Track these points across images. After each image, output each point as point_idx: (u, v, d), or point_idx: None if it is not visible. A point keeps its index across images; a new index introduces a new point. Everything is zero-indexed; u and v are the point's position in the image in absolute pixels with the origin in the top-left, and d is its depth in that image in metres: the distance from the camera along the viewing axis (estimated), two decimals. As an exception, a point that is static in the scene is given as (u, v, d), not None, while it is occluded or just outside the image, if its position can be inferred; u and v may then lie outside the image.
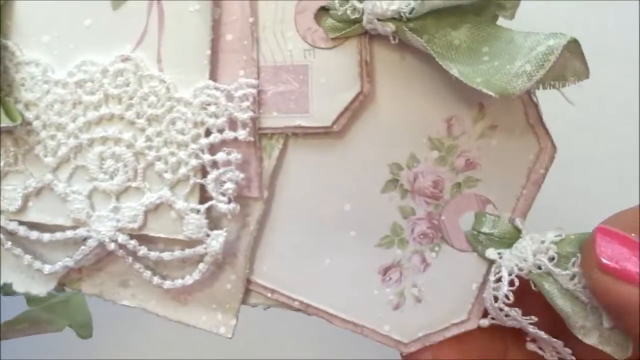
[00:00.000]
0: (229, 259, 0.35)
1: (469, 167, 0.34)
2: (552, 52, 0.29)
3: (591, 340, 0.32)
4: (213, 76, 0.34)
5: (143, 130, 0.34)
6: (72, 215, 0.35)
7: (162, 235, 0.35)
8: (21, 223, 0.35)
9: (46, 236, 0.35)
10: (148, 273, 0.35)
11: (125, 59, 0.34)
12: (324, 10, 0.33)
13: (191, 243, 0.34)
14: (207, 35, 0.33)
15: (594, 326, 0.32)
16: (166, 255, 0.35)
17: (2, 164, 0.35)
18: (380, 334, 0.35)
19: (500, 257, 0.33)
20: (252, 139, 0.34)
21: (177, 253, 0.35)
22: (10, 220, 0.35)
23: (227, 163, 0.34)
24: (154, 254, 0.35)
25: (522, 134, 0.33)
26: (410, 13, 0.31)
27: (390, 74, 0.33)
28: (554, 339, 0.33)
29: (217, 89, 0.33)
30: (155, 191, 0.34)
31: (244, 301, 0.35)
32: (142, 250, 0.35)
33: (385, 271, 0.35)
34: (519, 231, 0.34)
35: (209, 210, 0.34)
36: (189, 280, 0.34)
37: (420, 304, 0.35)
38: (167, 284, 0.35)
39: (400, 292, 0.35)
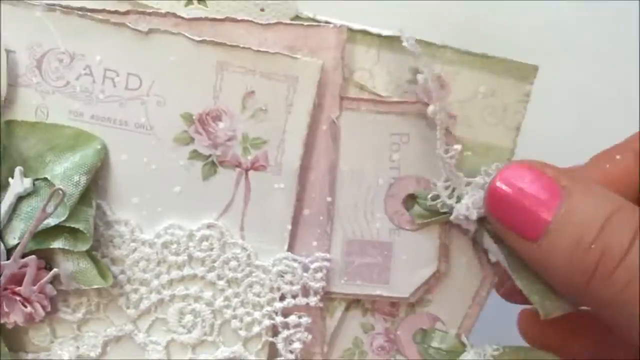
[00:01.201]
0: (287, 405, 0.39)
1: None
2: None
3: None
4: (290, 247, 0.37)
5: (222, 290, 0.37)
6: (149, 364, 0.38)
7: (231, 386, 0.38)
8: (99, 368, 0.38)
9: (124, 382, 0.38)
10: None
11: (211, 226, 0.37)
12: (411, 197, 0.37)
13: (256, 393, 0.38)
14: (290, 211, 0.37)
15: None
16: (233, 403, 0.38)
17: (84, 311, 0.37)
18: None
19: None
20: (321, 305, 0.38)
21: (244, 402, 0.38)
22: (89, 365, 0.38)
23: (298, 325, 0.38)
24: (222, 403, 0.38)
25: (469, 265, 0.39)
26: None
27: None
28: None
29: (294, 260, 0.37)
30: (229, 346, 0.38)
31: None
32: (212, 399, 0.38)
33: None
34: (463, 345, 0.39)
35: (275, 364, 0.38)
36: None
37: None
38: None
39: None
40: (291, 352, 0.38)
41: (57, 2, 0.36)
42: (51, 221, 0.34)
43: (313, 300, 0.38)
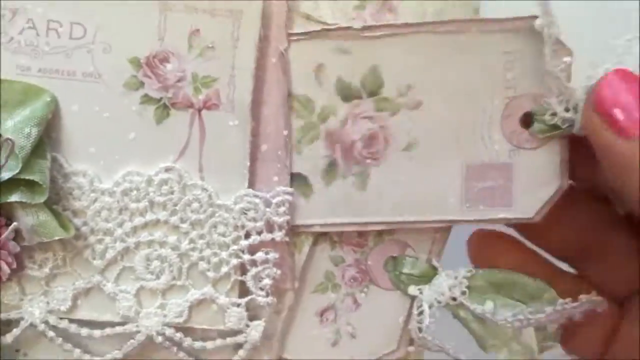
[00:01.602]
0: (263, 342, 0.39)
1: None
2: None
3: (502, 355, 0.39)
4: (251, 183, 0.37)
5: (187, 233, 0.37)
6: (121, 313, 0.37)
7: (205, 327, 0.38)
8: (71, 321, 0.38)
9: (96, 333, 0.38)
10: (191, 360, 0.38)
11: (169, 169, 0.37)
12: (527, 115, 0.37)
13: (231, 332, 0.38)
14: (246, 147, 0.37)
15: (503, 343, 0.39)
16: (209, 345, 0.38)
17: (50, 266, 0.37)
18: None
19: (421, 293, 0.39)
20: (287, 239, 0.38)
21: (219, 342, 0.38)
22: (61, 318, 0.38)
23: (266, 261, 0.37)
24: (198, 344, 0.38)
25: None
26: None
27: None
28: None
29: (256, 196, 0.37)
30: (199, 288, 0.38)
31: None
32: (187, 342, 0.38)
33: (322, 313, 0.40)
34: (435, 269, 0.39)
35: (248, 302, 0.38)
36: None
37: (354, 339, 0.40)
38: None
39: (337, 330, 0.40)
40: (261, 289, 0.38)
41: (-7, -43, 0.36)
42: (5, 175, 0.34)
43: (278, 235, 0.37)
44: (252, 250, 0.37)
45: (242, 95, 0.37)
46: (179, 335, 0.38)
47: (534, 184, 0.38)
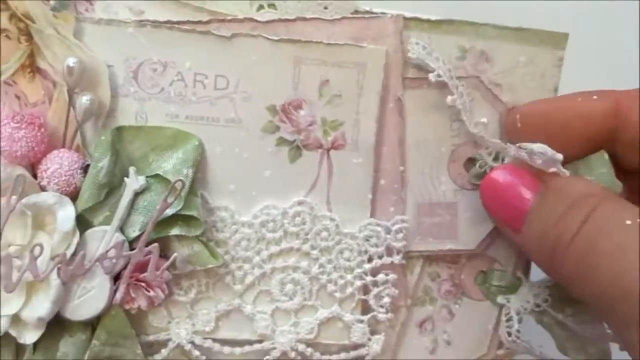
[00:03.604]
0: (380, 354, 0.44)
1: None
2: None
3: (581, 356, 0.44)
4: (371, 213, 0.42)
5: (317, 259, 0.42)
6: (258, 331, 0.42)
7: (332, 342, 0.43)
8: (214, 340, 0.42)
9: (237, 350, 0.42)
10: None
11: (301, 203, 0.42)
12: (470, 160, 0.43)
13: (354, 346, 0.43)
14: (369, 182, 0.42)
15: (581, 347, 0.44)
16: (334, 357, 0.43)
17: (195, 291, 0.42)
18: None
19: (508, 302, 0.45)
20: (404, 262, 0.43)
21: (343, 355, 0.43)
22: (205, 338, 0.42)
23: (386, 282, 0.43)
24: (325, 357, 0.43)
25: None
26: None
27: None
28: None
29: (378, 225, 0.42)
30: (327, 307, 0.42)
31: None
32: (316, 356, 0.43)
33: (421, 324, 0.45)
34: (520, 280, 0.45)
35: (369, 319, 0.43)
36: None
37: (450, 346, 0.46)
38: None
39: (434, 339, 0.45)
40: (381, 306, 0.43)
41: (145, 18, 0.41)
42: (169, 211, 0.39)
43: (397, 258, 0.43)
44: (374, 272, 0.43)
45: (366, 136, 0.42)
46: (309, 350, 0.42)
47: (476, 220, 0.44)
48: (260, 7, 0.42)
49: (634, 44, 0.56)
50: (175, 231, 0.40)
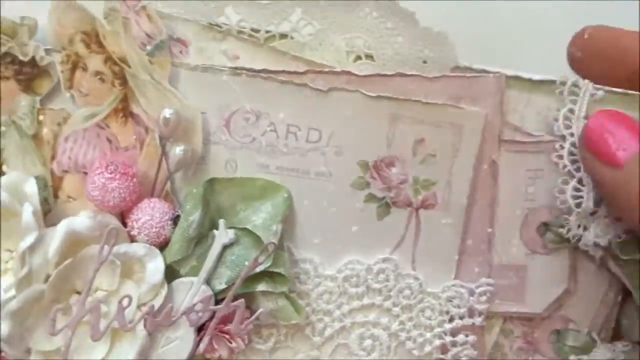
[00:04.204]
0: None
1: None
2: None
3: None
4: (455, 274, 0.42)
5: (397, 316, 0.42)
6: (334, 383, 0.42)
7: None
8: (291, 389, 0.42)
9: (311, 398, 0.42)
10: None
11: (386, 260, 0.41)
12: (544, 225, 0.42)
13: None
14: (456, 244, 0.41)
15: None
16: (408, 412, 0.43)
17: (274, 340, 0.42)
18: None
19: None
20: (484, 323, 0.42)
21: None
22: (282, 387, 0.42)
23: (465, 343, 0.42)
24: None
25: (597, 275, 0.43)
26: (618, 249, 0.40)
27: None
28: None
29: (462, 286, 0.42)
30: (405, 365, 0.42)
31: None
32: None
33: None
34: (595, 342, 0.44)
35: (443, 378, 0.43)
36: None
37: None
38: None
39: None
40: (459, 367, 0.42)
41: (240, 65, 0.40)
42: (259, 269, 0.39)
43: (478, 320, 0.42)
44: (454, 332, 0.42)
45: (458, 197, 0.41)
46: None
47: (545, 284, 0.43)
48: (358, 57, 0.41)
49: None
50: (261, 287, 0.39)
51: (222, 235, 0.39)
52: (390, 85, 0.40)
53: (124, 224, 0.39)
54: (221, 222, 0.39)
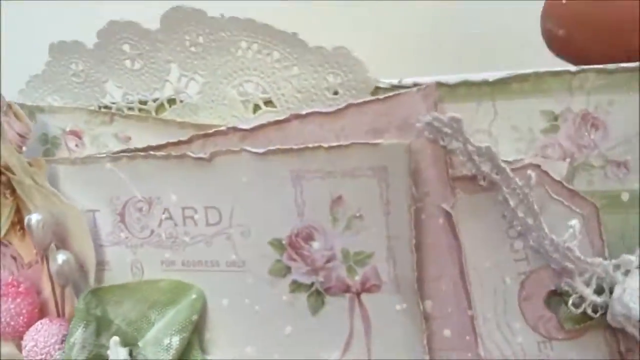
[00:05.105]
0: None
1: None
2: None
3: None
4: (435, 380, 0.28)
5: None
6: None
7: None
8: None
9: None
10: None
11: (336, 368, 0.30)
12: (554, 294, 0.27)
13: None
14: (421, 337, 0.28)
15: None
16: None
17: None
18: None
19: None
20: None
21: None
22: None
23: None
24: None
25: None
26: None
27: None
28: None
29: (446, 400, 0.28)
30: None
31: None
32: None
33: None
34: None
35: None
36: None
37: None
38: None
39: None
40: None
41: (127, 147, 0.33)
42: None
43: None
44: None
45: (405, 271, 0.28)
46: None
47: None
48: (256, 107, 0.31)
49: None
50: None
51: (114, 354, 0.32)
52: (288, 132, 0.30)
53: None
54: (112, 340, 0.32)
